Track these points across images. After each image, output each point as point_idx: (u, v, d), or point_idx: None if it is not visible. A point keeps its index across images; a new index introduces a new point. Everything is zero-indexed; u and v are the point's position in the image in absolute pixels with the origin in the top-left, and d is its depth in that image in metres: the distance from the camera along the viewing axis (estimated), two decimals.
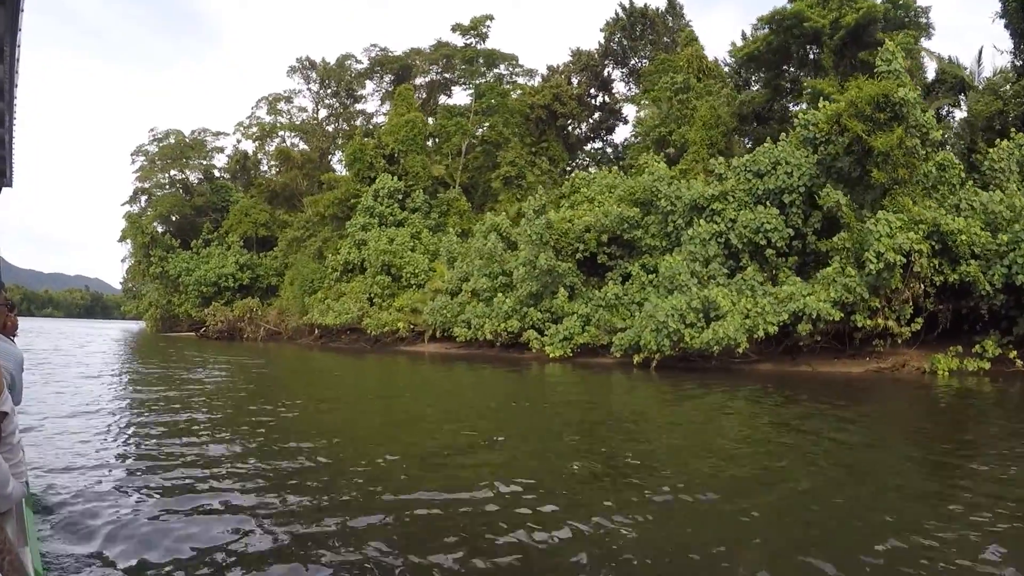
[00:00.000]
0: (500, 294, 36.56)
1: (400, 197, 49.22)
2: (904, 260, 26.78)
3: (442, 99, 65.57)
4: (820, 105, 32.67)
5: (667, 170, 36.78)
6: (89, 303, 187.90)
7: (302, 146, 72.16)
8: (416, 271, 44.30)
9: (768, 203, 31.66)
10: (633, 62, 66.26)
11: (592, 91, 66.50)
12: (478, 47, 53.03)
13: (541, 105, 60.82)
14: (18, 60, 14.41)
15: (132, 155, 77.38)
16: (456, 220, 49.59)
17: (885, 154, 28.90)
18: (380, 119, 70.76)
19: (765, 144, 34.10)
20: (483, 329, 36.25)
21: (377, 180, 49.31)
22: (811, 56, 45.36)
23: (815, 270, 31.11)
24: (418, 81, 65.22)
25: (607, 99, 68.43)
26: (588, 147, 69.27)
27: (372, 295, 44.51)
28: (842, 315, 27.40)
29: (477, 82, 54.39)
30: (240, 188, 77.19)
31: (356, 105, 72.74)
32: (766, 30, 42.52)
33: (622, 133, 71.47)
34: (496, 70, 54.82)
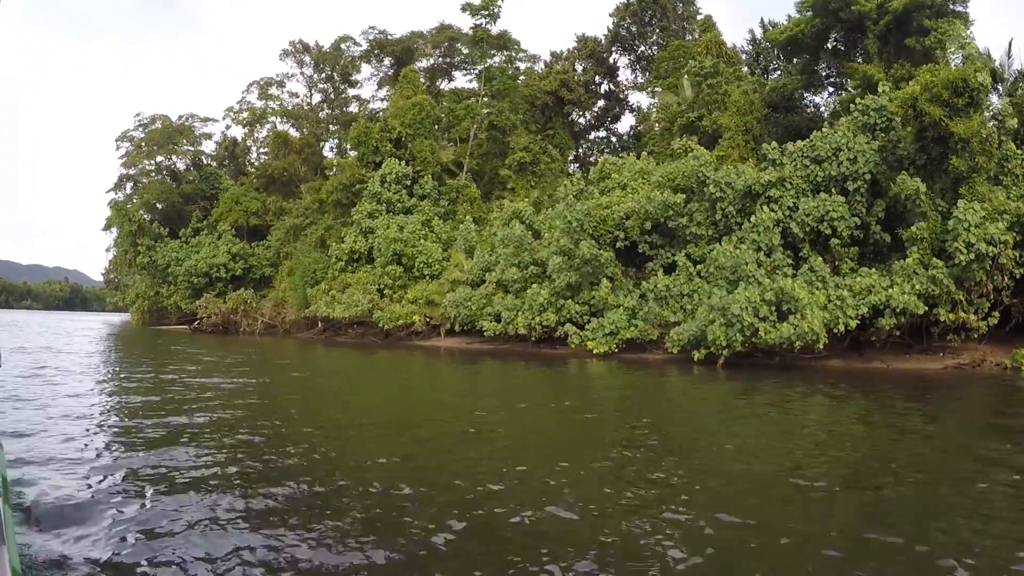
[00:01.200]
0: (535, 285, 32.74)
1: (408, 183, 45.02)
2: (994, 251, 23.67)
3: (444, 84, 61.36)
4: (880, 90, 29.76)
5: (711, 155, 33.43)
6: (69, 295, 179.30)
7: (294, 133, 67.48)
8: (429, 261, 40.24)
9: (832, 190, 28.42)
10: (641, 49, 62.69)
11: (597, 79, 62.80)
12: (489, 28, 48.84)
13: (547, 91, 57.03)
14: None
15: (117, 141, 71.98)
16: (467, 208, 45.57)
17: (965, 140, 25.72)
18: (376, 105, 66.40)
19: (824, 129, 31.24)
20: (515, 323, 32.46)
21: (383, 165, 45.05)
22: (841, 44, 42.41)
23: (878, 261, 28.23)
24: (419, 65, 60.86)
25: (612, 87, 64.87)
26: (592, 136, 65.70)
27: (382, 286, 40.36)
28: (926, 308, 24.18)
29: (487, 64, 50.26)
30: (229, 176, 72.24)
31: (350, 90, 68.18)
32: (809, 13, 39.27)
33: (627, 121, 68.03)
34: (507, 52, 50.68)
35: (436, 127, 50.56)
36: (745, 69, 52.30)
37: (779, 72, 54.63)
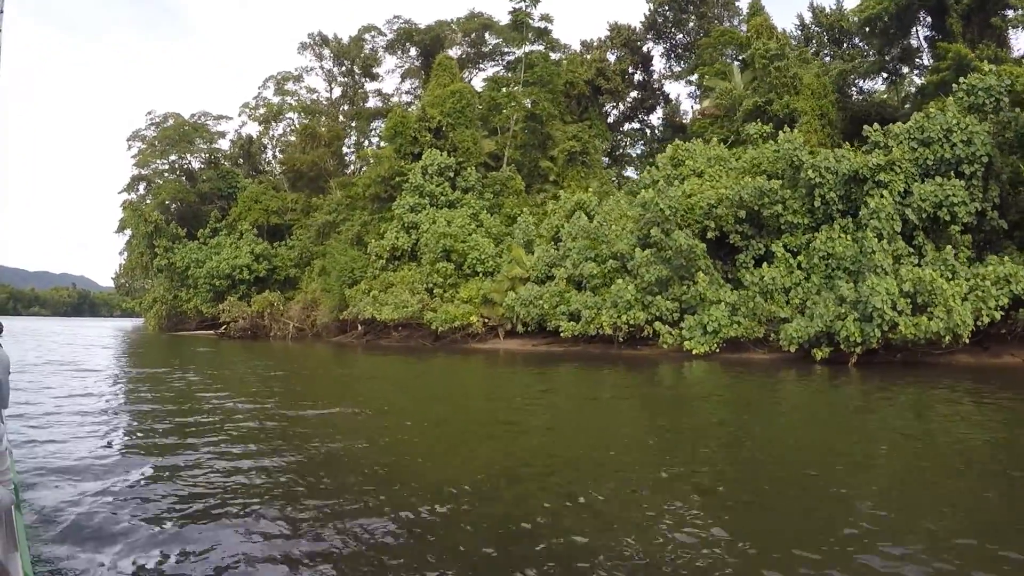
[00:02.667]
0: (620, 280, 28.66)
1: (451, 175, 40.63)
2: None
3: (473, 74, 57.03)
4: (986, 69, 26.53)
5: (801, 139, 29.58)
6: (77, 301, 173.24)
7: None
8: (482, 257, 35.89)
9: (950, 174, 24.87)
10: (679, 37, 58.56)
11: (630, 69, 58.60)
12: (531, 11, 44.53)
13: (584, 80, 52.87)
14: None
15: (128, 140, 67.49)
16: (513, 201, 41.26)
17: None
18: (399, 99, 62.02)
19: (929, 109, 27.75)
20: (597, 322, 28.39)
21: (424, 156, 40.66)
22: (927, 25, 38.60)
23: (990, 249, 25.51)
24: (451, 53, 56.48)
25: (644, 77, 60.69)
26: (626, 127, 61.57)
27: (431, 285, 35.98)
28: None
29: (526, 50, 46.00)
30: (245, 175, 67.68)
31: (370, 84, 63.70)
32: None
33: (661, 112, 63.75)
34: (548, 37, 46.40)
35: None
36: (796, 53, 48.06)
37: (829, 57, 50.93)
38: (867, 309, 22.68)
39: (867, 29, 38.40)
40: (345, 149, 60.40)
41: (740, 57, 51.36)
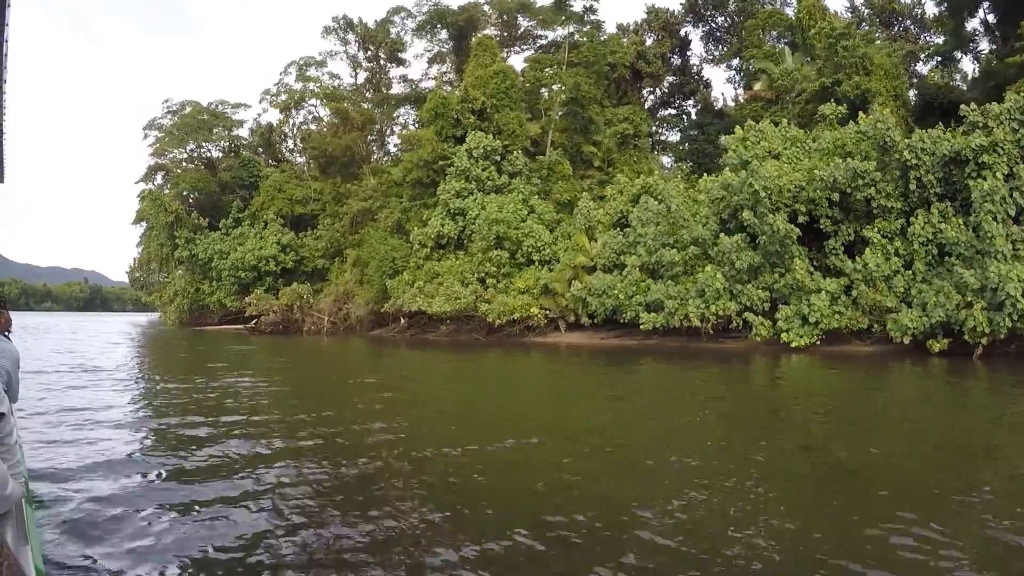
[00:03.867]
0: (708, 267, 25.56)
1: (497, 159, 37.28)
2: None
3: (508, 58, 53.50)
4: None
5: (893, 119, 26.57)
6: (89, 296, 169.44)
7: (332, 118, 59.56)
8: (538, 244, 32.58)
9: None
10: (720, 20, 55.21)
11: (667, 53, 55.20)
12: None
13: (624, 64, 49.43)
14: (6, 55, 12.12)
15: (145, 129, 64.49)
16: (562, 186, 37.96)
17: None
18: (428, 84, 58.53)
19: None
20: (681, 313, 25.32)
21: (468, 138, 37.33)
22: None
23: None
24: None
25: (681, 61, 57.31)
26: (660, 113, 58.17)
27: (483, 275, 32.67)
28: None
29: (570, 30, 42.68)
30: (266, 164, 64.24)
31: (395, 70, 60.17)
32: None
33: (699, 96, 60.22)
34: (593, 17, 43.04)
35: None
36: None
37: (879, 39, 47.71)
38: (998, 297, 20.44)
39: (942, 8, 35.05)
40: (369, 136, 57.04)
41: (786, 39, 48.30)
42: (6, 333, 4.63)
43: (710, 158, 51.05)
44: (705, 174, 35.38)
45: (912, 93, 38.75)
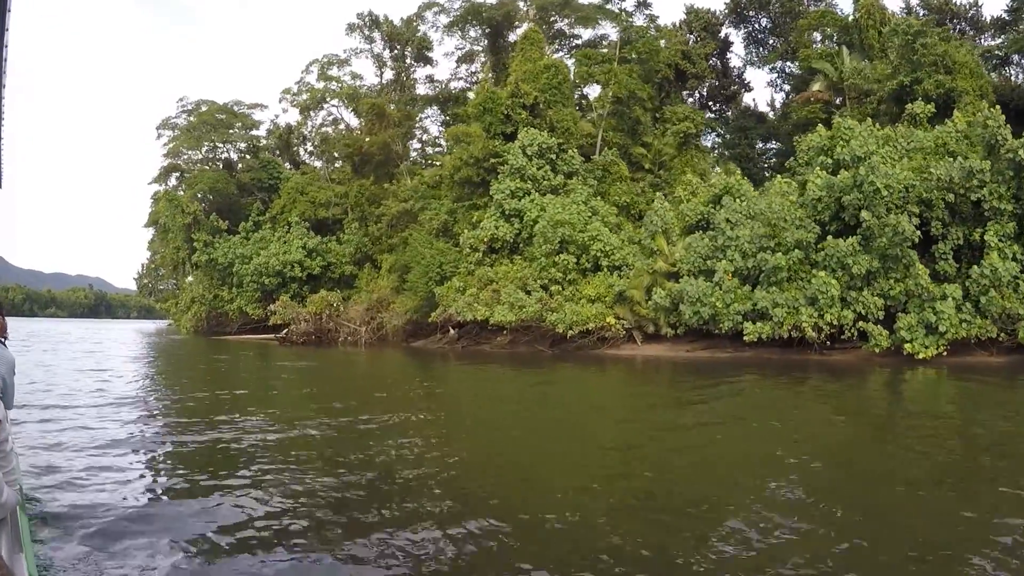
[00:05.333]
0: (822, 272, 22.28)
1: (552, 157, 33.86)
2: None
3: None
4: None
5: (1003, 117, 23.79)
6: (93, 302, 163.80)
7: (353, 121, 56.08)
8: (606, 249, 29.07)
9: None
10: (764, 21, 52.24)
11: (711, 54, 52.17)
12: None
13: (668, 64, 46.28)
14: (5, 60, 10.96)
15: (158, 129, 60.64)
16: (620, 188, 34.61)
17: None
18: (457, 84, 55.23)
19: None
20: (790, 322, 22.23)
21: (520, 135, 33.91)
22: None
23: None
24: (513, 38, 49.75)
25: (720, 63, 54.29)
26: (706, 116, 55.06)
27: (547, 281, 29.09)
28: None
29: (624, 24, 39.55)
30: (284, 165, 60.65)
31: (422, 69, 56.77)
32: None
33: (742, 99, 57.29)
34: (647, 11, 39.91)
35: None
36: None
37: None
38: None
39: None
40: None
41: (837, 39, 45.38)
42: (2, 339, 4.46)
43: (752, 162, 48.02)
44: (778, 176, 32.28)
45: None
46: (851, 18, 44.11)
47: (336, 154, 52.27)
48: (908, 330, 22.36)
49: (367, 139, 40.14)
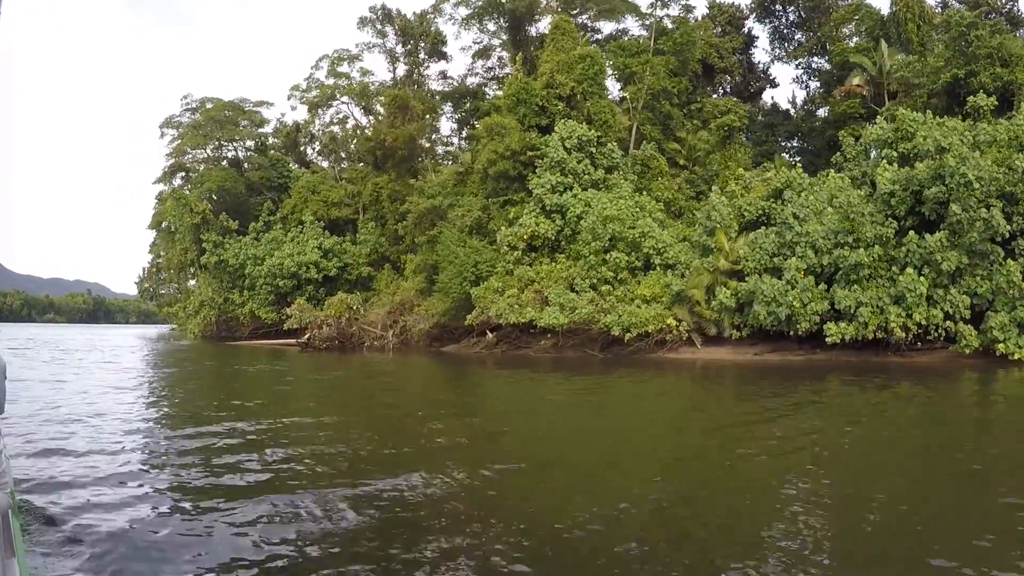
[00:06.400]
0: (909, 270, 20.27)
1: (592, 150, 31.78)
2: None
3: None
4: None
5: None
6: (92, 308, 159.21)
7: (363, 119, 53.84)
8: (658, 246, 26.97)
9: None
10: (792, 16, 50.46)
11: (738, 48, 50.37)
12: None
13: (696, 59, 44.37)
14: None
15: (162, 128, 57.94)
16: (662, 184, 32.63)
17: None
18: (473, 80, 53.01)
19: None
20: (875, 322, 20.32)
21: (557, 127, 31.81)
22: None
23: None
24: (534, 31, 47.75)
25: (744, 59, 52.50)
26: None
27: (596, 281, 26.94)
28: None
29: (658, 14, 37.65)
30: (294, 164, 58.27)
31: (436, 65, 54.43)
32: None
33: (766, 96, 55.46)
34: (684, 1, 37.97)
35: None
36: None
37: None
38: None
39: None
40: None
41: (869, 34, 43.64)
42: None
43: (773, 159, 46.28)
44: (831, 171, 30.39)
45: None
46: (888, 12, 42.55)
47: (355, 148, 49.87)
48: (1000, 329, 20.61)
49: (390, 133, 37.78)
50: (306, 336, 35.71)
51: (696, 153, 39.34)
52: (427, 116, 41.80)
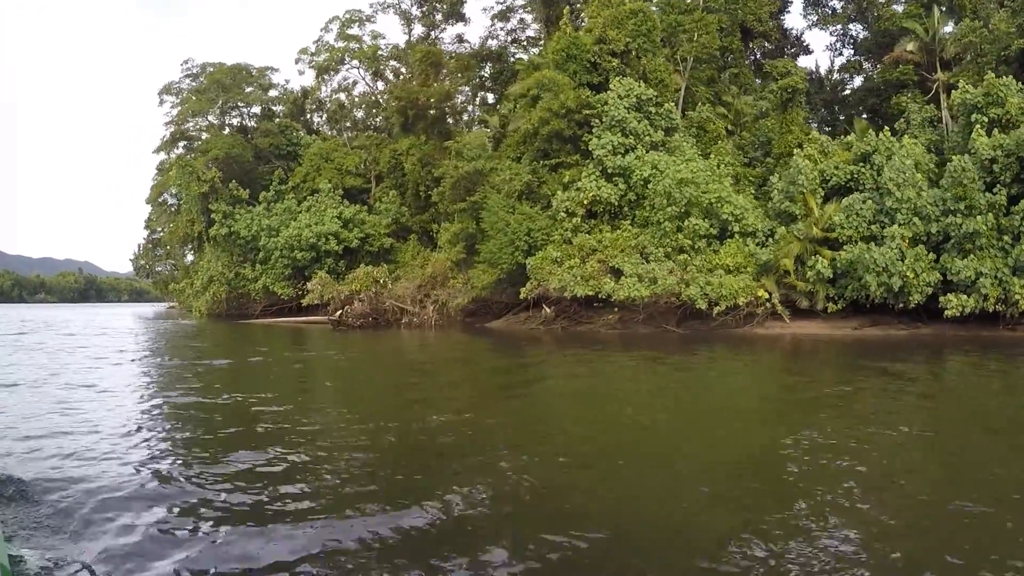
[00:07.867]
0: None
1: (651, 110, 29.27)
2: None
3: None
4: None
5: None
6: (84, 287, 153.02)
7: (371, 83, 50.53)
8: (737, 213, 24.72)
9: None
10: None
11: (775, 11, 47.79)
12: None
13: (739, 20, 41.78)
14: None
15: (161, 95, 54.20)
16: (723, 148, 30.32)
17: None
18: (492, 43, 49.79)
19: None
20: (996, 294, 18.54)
21: (614, 84, 29.21)
22: None
23: None
24: None
25: (775, 25, 49.97)
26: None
27: (671, 250, 24.62)
28: None
29: None
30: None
31: (453, 28, 51.20)
32: None
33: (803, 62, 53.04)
34: None
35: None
36: None
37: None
38: None
39: None
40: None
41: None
42: None
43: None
44: (905, 137, 28.32)
45: None
46: None
47: (364, 114, 46.55)
48: None
49: (422, 92, 34.58)
50: (337, 313, 32.89)
51: (743, 118, 37.05)
52: (459, 74, 38.61)
